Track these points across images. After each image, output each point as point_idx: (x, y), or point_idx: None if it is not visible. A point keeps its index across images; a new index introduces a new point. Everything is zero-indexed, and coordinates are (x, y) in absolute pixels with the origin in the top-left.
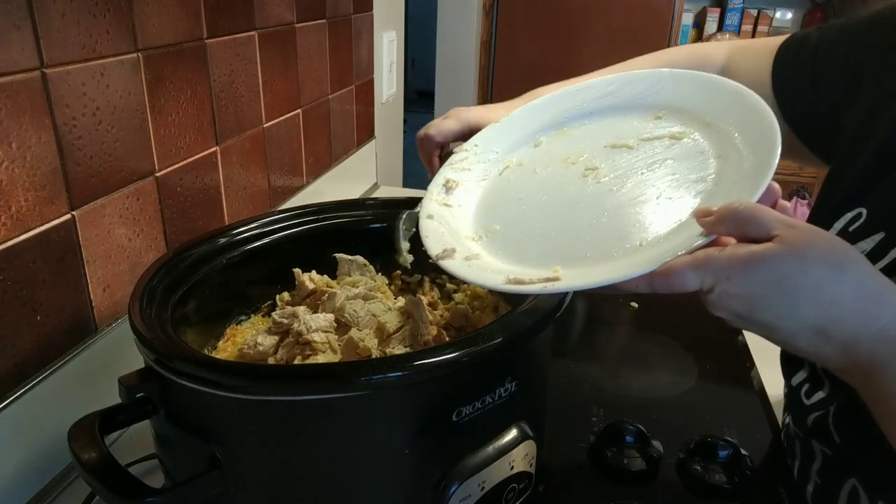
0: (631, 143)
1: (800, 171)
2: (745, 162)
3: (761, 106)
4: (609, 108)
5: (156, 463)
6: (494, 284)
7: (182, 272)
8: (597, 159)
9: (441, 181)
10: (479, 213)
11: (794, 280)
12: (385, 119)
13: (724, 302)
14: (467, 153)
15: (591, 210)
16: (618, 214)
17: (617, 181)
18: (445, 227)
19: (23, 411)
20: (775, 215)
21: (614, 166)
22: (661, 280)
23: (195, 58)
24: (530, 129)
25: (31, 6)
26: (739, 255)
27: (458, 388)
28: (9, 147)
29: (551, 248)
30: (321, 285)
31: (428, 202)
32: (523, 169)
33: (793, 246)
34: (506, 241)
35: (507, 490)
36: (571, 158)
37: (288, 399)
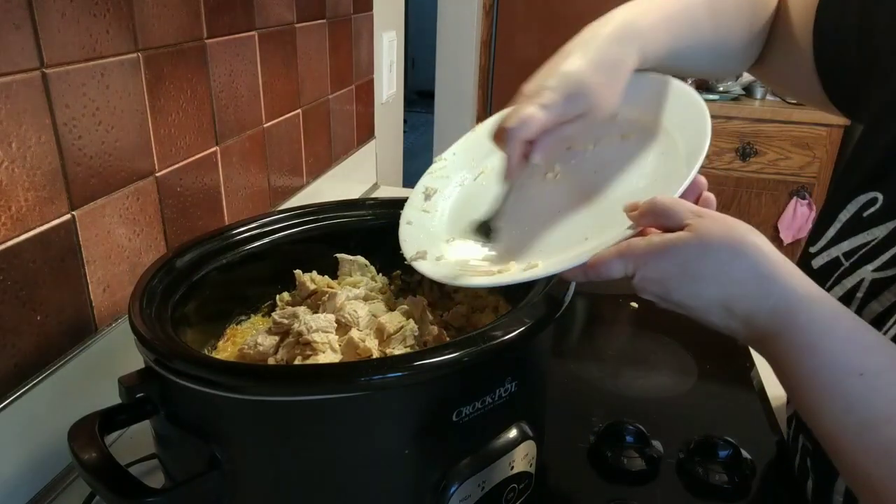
0: (588, 146)
1: (800, 171)
2: (680, 157)
3: (697, 102)
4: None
5: (156, 463)
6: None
7: (182, 272)
8: (556, 162)
9: (421, 189)
10: (452, 218)
11: (697, 263)
12: (385, 119)
13: (643, 285)
14: (446, 162)
15: (549, 210)
16: (572, 213)
17: (573, 182)
18: (423, 232)
19: (23, 411)
20: (688, 206)
21: (570, 167)
22: (593, 270)
23: (195, 58)
24: None
25: (31, 6)
26: (654, 244)
27: (458, 388)
28: (9, 147)
29: (512, 246)
30: (322, 286)
31: (408, 209)
32: (494, 174)
33: (698, 233)
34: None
35: (507, 490)
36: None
37: (288, 399)
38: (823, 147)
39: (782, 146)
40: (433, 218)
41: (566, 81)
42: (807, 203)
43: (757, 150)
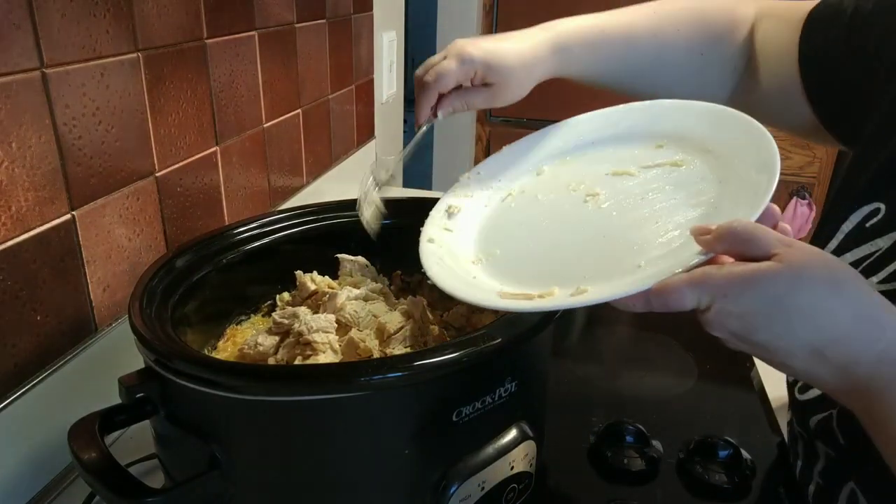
0: (632, 171)
1: (800, 171)
2: (745, 185)
3: (761, 131)
4: (610, 139)
5: (156, 463)
6: (488, 302)
7: (182, 272)
8: (597, 186)
9: (443, 207)
10: (479, 238)
11: (791, 299)
12: (385, 119)
13: (721, 320)
14: (469, 179)
15: (590, 234)
16: (617, 237)
17: (617, 206)
18: (445, 251)
19: (23, 411)
20: (774, 234)
21: (615, 192)
22: (658, 298)
23: (195, 58)
24: (533, 159)
25: (31, 6)
26: (737, 273)
27: (458, 388)
28: (9, 147)
29: (549, 270)
30: (323, 286)
31: (429, 226)
32: (525, 196)
33: (791, 265)
34: (505, 264)
35: (507, 490)
36: (573, 186)
37: (288, 399)
38: (823, 147)
39: (782, 146)
40: (457, 237)
41: (491, 48)
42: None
43: None
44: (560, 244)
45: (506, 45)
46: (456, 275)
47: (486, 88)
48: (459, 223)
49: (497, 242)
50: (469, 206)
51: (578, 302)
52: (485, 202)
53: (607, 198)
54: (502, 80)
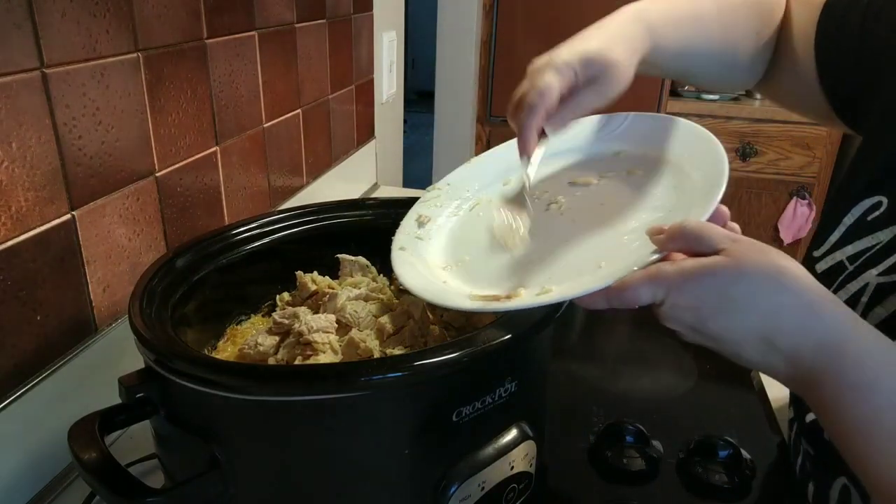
0: (592, 179)
1: (800, 171)
2: (697, 190)
3: (711, 140)
4: (573, 150)
5: (156, 463)
6: (458, 304)
7: (182, 272)
8: (560, 194)
9: (414, 216)
10: (449, 246)
11: (735, 289)
12: (385, 119)
13: (674, 314)
14: (440, 191)
15: (554, 239)
16: (579, 241)
17: (579, 213)
18: (416, 258)
19: (23, 411)
20: (721, 231)
21: (576, 199)
22: (617, 295)
23: (195, 58)
24: (499, 169)
25: (31, 6)
26: (687, 268)
27: (458, 388)
28: (9, 147)
29: (516, 274)
30: (323, 286)
31: (400, 234)
32: (492, 205)
33: (734, 258)
34: (474, 269)
35: (507, 490)
36: (537, 194)
37: (288, 399)
38: (823, 147)
39: (782, 146)
40: (428, 245)
41: (586, 46)
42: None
43: (757, 150)
44: (525, 250)
45: (595, 37)
46: (427, 280)
47: (592, 86)
48: (430, 231)
49: (466, 249)
50: (439, 215)
51: (543, 301)
52: (453, 211)
53: (569, 205)
54: (605, 66)
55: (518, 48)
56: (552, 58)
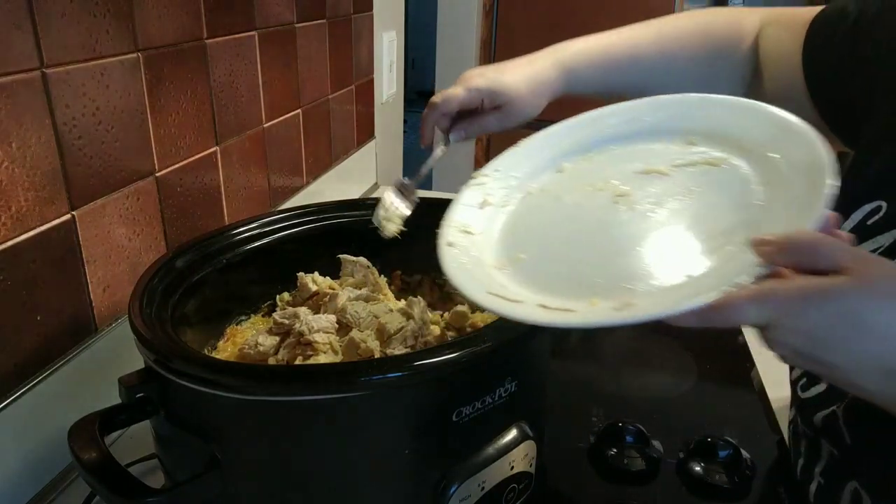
0: (663, 169)
1: None
2: (794, 188)
3: (805, 129)
4: (635, 134)
5: (156, 463)
6: (527, 316)
7: (182, 272)
8: (627, 185)
9: (460, 208)
10: (502, 241)
11: (864, 316)
12: (385, 119)
13: (784, 338)
14: (487, 177)
15: (625, 238)
16: (657, 243)
17: (652, 208)
18: (467, 256)
19: (23, 411)
20: (842, 246)
21: (647, 193)
22: (718, 314)
23: (195, 58)
24: (552, 154)
25: (31, 6)
26: (808, 289)
27: (458, 388)
28: (9, 147)
29: (585, 278)
30: (324, 287)
31: (447, 228)
32: (547, 195)
33: (863, 280)
34: (534, 270)
35: (507, 490)
36: (599, 185)
37: (288, 399)
38: None
39: None
40: (478, 240)
41: (496, 76)
42: None
43: None
44: (592, 249)
45: (511, 69)
46: (483, 283)
47: (496, 112)
48: (479, 224)
49: (522, 246)
50: (487, 205)
51: (628, 319)
52: (503, 201)
53: (639, 199)
54: (509, 101)
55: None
56: (472, 77)
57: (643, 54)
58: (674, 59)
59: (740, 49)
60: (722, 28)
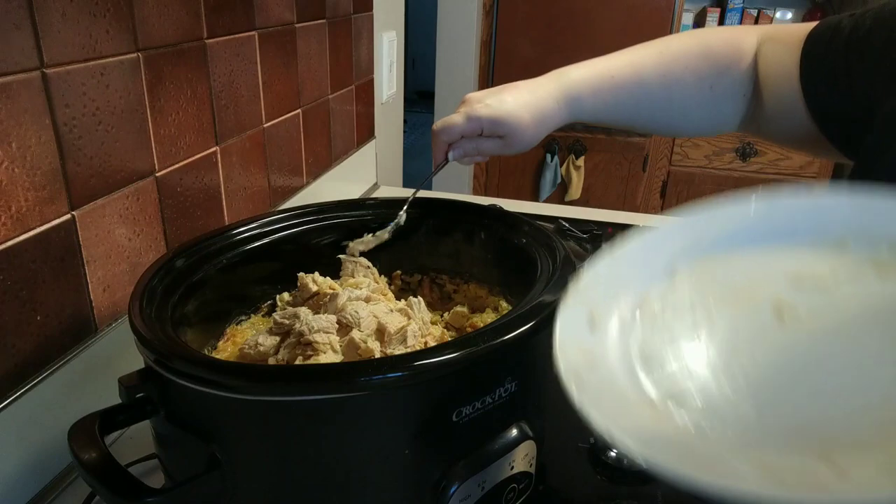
0: (825, 275)
1: (800, 170)
2: None
3: None
4: (761, 235)
5: (156, 463)
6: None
7: (182, 272)
8: (782, 294)
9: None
10: (646, 370)
11: None
12: (385, 119)
13: None
14: (586, 292)
15: (810, 365)
16: (847, 373)
17: (827, 325)
18: (605, 387)
19: (23, 411)
20: None
21: (813, 305)
22: None
23: (195, 58)
24: (659, 257)
25: (31, 6)
26: None
27: (458, 388)
28: (9, 147)
29: (792, 422)
30: (324, 287)
31: (567, 351)
32: (673, 309)
33: None
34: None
35: (507, 490)
36: (743, 295)
37: (288, 399)
38: None
39: (782, 147)
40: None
41: (498, 105)
42: None
43: (757, 150)
44: (773, 379)
45: (513, 99)
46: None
47: (496, 139)
48: (604, 346)
49: (677, 386)
50: (608, 321)
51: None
52: (619, 321)
53: (805, 311)
54: (510, 132)
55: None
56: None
57: (647, 79)
58: (677, 82)
59: (740, 67)
60: (722, 47)
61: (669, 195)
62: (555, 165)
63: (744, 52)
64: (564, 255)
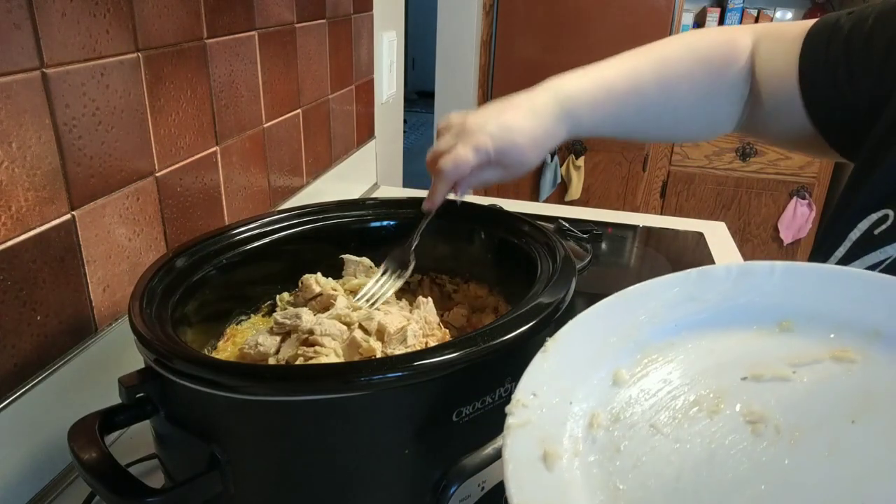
0: (784, 371)
1: (800, 171)
2: None
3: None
4: (703, 323)
5: (156, 463)
6: None
7: (182, 272)
8: (751, 403)
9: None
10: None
11: None
12: (385, 119)
13: None
14: (527, 409)
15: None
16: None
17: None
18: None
19: (23, 411)
20: None
21: (787, 411)
22: None
23: (195, 58)
24: (596, 359)
25: (31, 6)
26: None
27: (458, 388)
28: (9, 147)
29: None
30: (326, 288)
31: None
32: (628, 427)
33: None
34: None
35: None
36: (702, 403)
37: (288, 399)
38: None
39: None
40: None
41: (503, 135)
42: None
43: (757, 150)
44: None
45: (517, 125)
46: None
47: (498, 167)
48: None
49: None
50: (563, 450)
51: None
52: (572, 447)
53: (785, 424)
54: (515, 161)
55: (518, 48)
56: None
57: (645, 88)
58: (675, 88)
59: (736, 67)
60: (717, 49)
61: (669, 195)
62: (555, 165)
63: (739, 51)
64: (564, 255)
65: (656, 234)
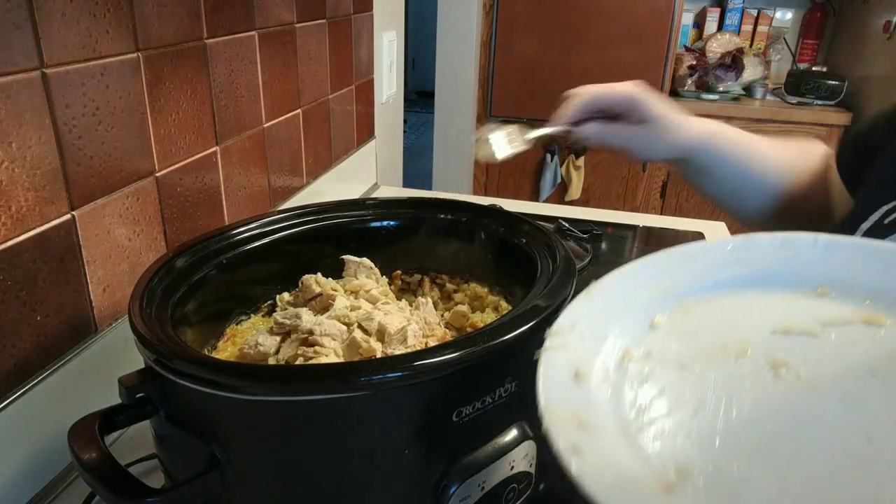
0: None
1: None
2: None
3: None
4: (741, 280)
5: (156, 463)
6: None
7: (182, 272)
8: (776, 351)
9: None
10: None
11: None
12: (385, 119)
13: None
14: (563, 337)
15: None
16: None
17: (833, 386)
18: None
19: (23, 411)
20: None
21: (811, 363)
22: None
23: (195, 58)
24: (637, 303)
25: (31, 6)
26: None
27: (458, 388)
28: (9, 147)
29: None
30: (327, 289)
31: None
32: (659, 362)
33: None
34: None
35: (507, 490)
36: (730, 349)
37: (288, 399)
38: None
39: None
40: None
41: (643, 95)
42: None
43: None
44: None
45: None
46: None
47: (630, 125)
48: (587, 410)
49: (684, 448)
50: (592, 376)
51: None
52: (602, 372)
53: (807, 370)
54: (646, 120)
55: (518, 48)
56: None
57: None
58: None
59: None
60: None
61: (669, 195)
62: (555, 165)
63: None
64: (564, 255)
65: (656, 234)
